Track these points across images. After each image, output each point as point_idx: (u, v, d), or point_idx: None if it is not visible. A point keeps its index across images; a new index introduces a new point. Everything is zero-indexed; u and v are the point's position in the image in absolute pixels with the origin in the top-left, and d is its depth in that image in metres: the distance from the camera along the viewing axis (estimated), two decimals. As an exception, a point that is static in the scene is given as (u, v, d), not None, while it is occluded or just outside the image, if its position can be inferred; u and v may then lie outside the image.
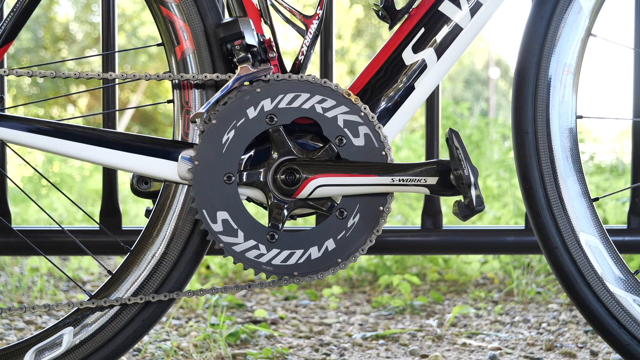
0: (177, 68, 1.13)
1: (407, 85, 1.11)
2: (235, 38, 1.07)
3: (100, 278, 2.38)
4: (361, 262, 2.32)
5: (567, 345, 1.58)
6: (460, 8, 1.11)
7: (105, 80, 1.63)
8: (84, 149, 1.08)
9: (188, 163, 1.08)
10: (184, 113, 1.13)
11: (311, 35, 1.12)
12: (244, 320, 1.78)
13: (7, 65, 1.61)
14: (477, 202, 1.01)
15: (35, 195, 4.75)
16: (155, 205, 1.14)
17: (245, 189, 1.09)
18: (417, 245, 1.74)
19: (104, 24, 1.64)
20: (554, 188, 1.15)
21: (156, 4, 1.13)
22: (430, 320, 1.79)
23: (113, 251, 1.73)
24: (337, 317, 1.84)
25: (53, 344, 1.13)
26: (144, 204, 1.10)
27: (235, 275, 2.36)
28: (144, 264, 1.14)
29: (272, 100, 1.06)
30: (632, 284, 1.15)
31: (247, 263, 1.08)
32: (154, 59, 10.23)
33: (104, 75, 1.10)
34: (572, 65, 1.15)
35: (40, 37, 10.15)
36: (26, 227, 1.75)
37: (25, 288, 2.16)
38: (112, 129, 1.65)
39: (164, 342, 1.58)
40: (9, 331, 1.66)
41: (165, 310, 1.16)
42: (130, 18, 10.33)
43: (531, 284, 2.13)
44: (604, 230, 1.16)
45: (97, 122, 7.61)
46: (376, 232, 1.08)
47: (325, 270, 1.09)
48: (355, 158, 1.07)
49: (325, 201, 1.09)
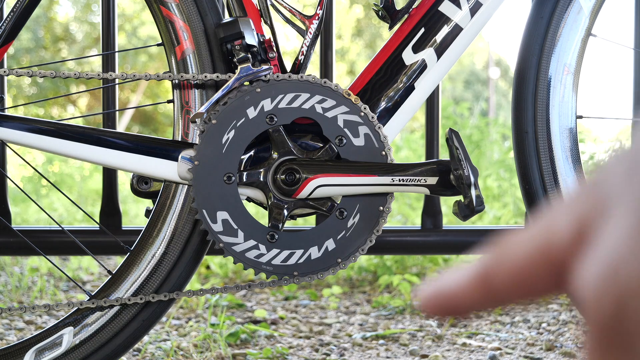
0: (177, 68, 1.13)
1: (407, 85, 1.11)
2: (235, 38, 1.07)
3: (100, 278, 2.38)
4: (361, 262, 2.32)
5: (567, 345, 1.58)
6: (460, 8, 1.11)
7: (105, 80, 1.63)
8: (84, 149, 1.08)
9: (188, 163, 1.08)
10: (184, 113, 1.13)
11: (311, 35, 1.12)
12: (244, 320, 1.78)
13: (7, 65, 1.61)
14: (477, 202, 1.01)
15: (35, 195, 4.75)
16: (155, 205, 1.14)
17: (245, 189, 1.09)
18: (417, 245, 1.73)
19: (104, 24, 1.64)
20: (554, 188, 1.15)
21: (156, 4, 1.12)
22: (430, 320, 1.79)
23: (113, 251, 1.73)
24: (337, 317, 1.84)
25: (53, 344, 1.13)
26: (144, 204, 1.10)
27: (235, 275, 2.36)
28: (144, 264, 1.14)
29: (272, 100, 1.06)
30: (632, 284, 1.15)
31: (247, 263, 1.08)
32: (154, 59, 10.24)
33: (104, 75, 1.10)
34: (572, 65, 1.15)
35: (40, 37, 10.15)
36: (26, 227, 1.75)
37: (25, 288, 2.16)
38: (112, 129, 1.64)
39: (164, 342, 1.58)
40: (9, 331, 1.66)
41: (165, 310, 1.16)
42: (130, 18, 10.34)
43: (531, 284, 2.13)
44: (604, 230, 1.16)
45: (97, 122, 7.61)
46: (376, 232, 1.08)
47: (325, 270, 1.09)
48: (355, 158, 1.07)
49: (325, 201, 1.09)
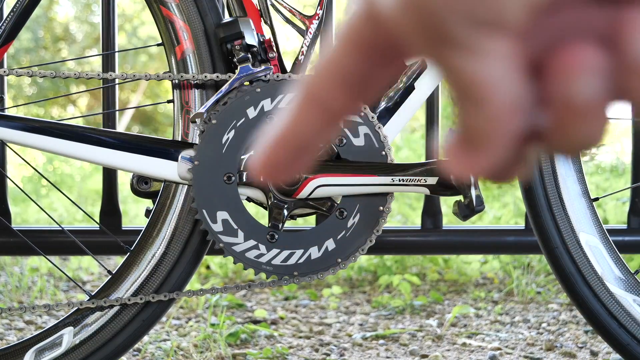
0: (177, 68, 1.13)
1: (407, 85, 1.11)
2: (235, 38, 1.07)
3: (100, 278, 2.38)
4: (361, 262, 2.32)
5: (567, 345, 1.58)
6: (460, 8, 1.11)
7: (105, 80, 1.63)
8: (84, 149, 1.08)
9: (188, 163, 1.08)
10: (184, 113, 1.13)
11: (311, 35, 1.12)
12: (244, 320, 1.78)
13: (7, 65, 1.61)
14: (477, 202, 1.01)
15: (35, 195, 4.74)
16: (155, 205, 1.14)
17: (245, 188, 1.09)
18: (417, 245, 1.73)
19: (104, 24, 1.64)
20: (554, 188, 1.15)
21: (156, 4, 1.12)
22: (430, 320, 1.79)
23: (113, 251, 1.73)
24: (337, 317, 1.84)
25: (53, 344, 1.13)
26: (144, 204, 1.11)
27: (235, 275, 2.36)
28: (144, 264, 1.14)
29: (272, 100, 1.06)
30: (632, 284, 1.15)
31: (247, 263, 1.08)
32: (154, 59, 10.23)
33: (104, 75, 1.10)
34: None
35: (40, 37, 10.15)
36: (26, 227, 1.75)
37: (25, 288, 2.16)
38: (112, 129, 1.64)
39: (164, 342, 1.58)
40: (9, 331, 1.66)
41: (165, 310, 1.16)
42: (130, 18, 10.33)
43: (531, 284, 2.13)
44: (604, 230, 1.15)
45: (97, 122, 7.61)
46: (376, 232, 1.08)
47: (325, 270, 1.09)
48: (355, 158, 1.07)
49: (325, 201, 1.09)
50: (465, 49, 0.23)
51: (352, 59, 0.26)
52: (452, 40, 0.23)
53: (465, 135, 0.24)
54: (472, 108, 0.24)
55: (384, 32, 0.25)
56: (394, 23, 0.24)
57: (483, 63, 0.22)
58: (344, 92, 0.26)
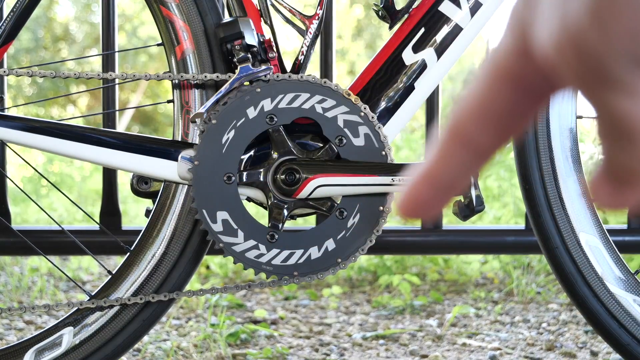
0: (177, 68, 1.13)
1: (407, 85, 1.11)
2: (235, 38, 1.07)
3: (100, 278, 2.38)
4: (361, 262, 2.32)
5: (567, 345, 1.58)
6: (460, 8, 1.11)
7: (105, 80, 1.63)
8: (84, 149, 1.08)
9: (188, 163, 1.08)
10: (184, 113, 1.13)
11: (311, 35, 1.12)
12: (244, 320, 1.78)
13: (7, 65, 1.61)
14: (477, 202, 1.01)
15: (35, 195, 4.74)
16: (155, 205, 1.14)
17: (245, 189, 1.09)
18: (417, 245, 1.74)
19: (104, 24, 1.64)
20: (554, 188, 1.15)
21: (156, 4, 1.12)
22: (430, 320, 1.79)
23: (113, 251, 1.73)
24: (337, 317, 1.84)
25: (53, 344, 1.13)
26: (144, 204, 1.11)
27: (235, 275, 2.36)
28: (144, 264, 1.14)
29: (272, 100, 1.06)
30: (632, 284, 1.15)
31: (247, 263, 1.08)
32: (154, 59, 10.23)
33: (104, 75, 1.10)
34: (572, 65, 1.15)
35: (40, 37, 10.15)
36: (26, 227, 1.75)
37: (25, 288, 2.16)
38: (112, 129, 1.64)
39: (164, 342, 1.58)
40: (8, 331, 1.66)
41: (165, 310, 1.16)
42: (130, 18, 10.33)
43: (531, 284, 2.13)
44: (604, 230, 1.15)
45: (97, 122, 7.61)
46: (376, 232, 1.08)
47: (325, 270, 1.09)
48: (355, 158, 1.07)
49: (325, 201, 1.09)
50: (622, 88, 0.22)
51: (499, 94, 0.25)
52: (611, 78, 0.22)
53: (614, 172, 0.24)
54: (624, 146, 0.23)
55: (536, 68, 0.24)
56: (549, 60, 0.23)
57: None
58: (492, 129, 0.26)
